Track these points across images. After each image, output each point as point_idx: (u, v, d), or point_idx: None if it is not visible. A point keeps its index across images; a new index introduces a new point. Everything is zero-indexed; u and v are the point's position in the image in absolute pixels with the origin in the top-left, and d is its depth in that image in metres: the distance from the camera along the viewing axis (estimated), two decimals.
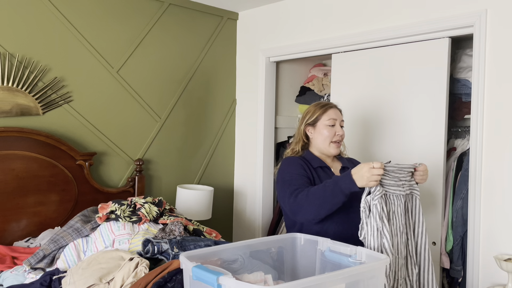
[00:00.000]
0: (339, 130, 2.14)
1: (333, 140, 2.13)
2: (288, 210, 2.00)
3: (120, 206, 2.50)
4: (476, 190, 2.51)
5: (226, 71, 3.86)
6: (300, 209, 1.92)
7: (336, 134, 2.13)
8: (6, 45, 2.71)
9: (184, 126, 3.60)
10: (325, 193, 1.85)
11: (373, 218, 1.78)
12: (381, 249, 1.76)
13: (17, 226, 2.71)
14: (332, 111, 2.15)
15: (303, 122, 2.19)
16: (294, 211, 1.95)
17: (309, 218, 1.93)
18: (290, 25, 3.49)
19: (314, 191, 1.90)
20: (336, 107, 2.19)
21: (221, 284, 1.31)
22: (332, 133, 2.12)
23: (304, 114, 2.21)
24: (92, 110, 3.08)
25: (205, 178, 3.74)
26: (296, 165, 2.08)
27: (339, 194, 1.82)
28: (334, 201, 1.84)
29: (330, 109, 2.15)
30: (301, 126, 2.20)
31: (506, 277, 2.38)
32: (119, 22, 3.19)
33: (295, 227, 2.08)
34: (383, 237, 1.76)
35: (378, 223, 1.76)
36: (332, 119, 2.13)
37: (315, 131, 2.15)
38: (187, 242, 2.07)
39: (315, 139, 2.16)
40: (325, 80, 3.80)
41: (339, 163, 2.22)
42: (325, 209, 1.87)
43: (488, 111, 2.49)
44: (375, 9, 2.97)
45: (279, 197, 2.08)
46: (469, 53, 2.89)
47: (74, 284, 1.89)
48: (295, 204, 1.93)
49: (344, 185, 1.80)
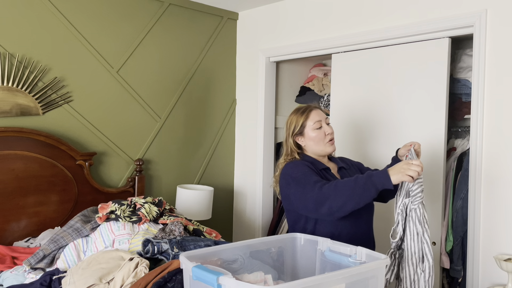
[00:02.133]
0: (327, 129, 2.11)
1: (326, 140, 2.11)
2: (313, 202, 1.88)
3: (120, 206, 2.50)
4: (476, 190, 2.51)
5: (226, 71, 3.86)
6: (327, 200, 1.84)
7: (326, 134, 2.11)
8: (6, 45, 2.71)
9: (184, 126, 3.60)
10: (356, 184, 1.81)
11: (412, 222, 1.78)
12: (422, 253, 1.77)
13: (17, 226, 2.71)
14: (314, 113, 2.12)
15: (290, 134, 2.15)
16: (320, 201, 1.86)
17: (333, 210, 1.84)
18: (290, 25, 3.49)
19: (343, 182, 1.85)
20: (316, 107, 2.17)
21: (221, 284, 1.31)
22: (322, 135, 2.10)
23: (287, 125, 2.17)
24: (92, 110, 3.08)
25: (205, 178, 3.74)
26: (303, 165, 2.04)
27: (371, 188, 1.78)
28: (364, 194, 1.80)
29: (311, 112, 2.12)
30: (289, 139, 2.15)
31: (506, 277, 2.38)
32: (119, 22, 3.19)
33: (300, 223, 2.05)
34: (424, 242, 1.76)
35: (418, 227, 1.77)
36: (317, 122, 2.10)
37: (305, 139, 2.12)
38: (187, 242, 2.07)
39: (308, 146, 2.13)
40: (325, 80, 3.80)
41: (334, 164, 2.21)
42: (353, 202, 1.81)
43: (488, 111, 2.49)
44: (375, 9, 2.97)
45: (294, 196, 1.98)
46: (469, 53, 2.89)
47: (74, 284, 1.89)
48: (321, 194, 1.85)
49: (378, 180, 1.77)
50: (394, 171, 1.77)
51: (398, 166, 1.78)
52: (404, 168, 1.75)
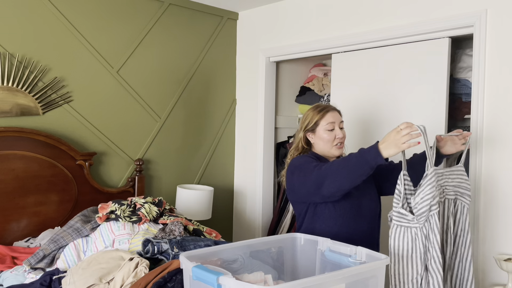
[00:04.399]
0: (339, 133, 2.12)
1: (334, 143, 2.12)
2: (312, 184, 1.93)
3: (120, 206, 2.50)
4: (476, 190, 2.51)
5: (226, 71, 3.86)
6: (325, 180, 1.87)
7: (336, 137, 2.11)
8: (6, 45, 2.71)
9: (184, 126, 3.60)
10: (350, 163, 1.82)
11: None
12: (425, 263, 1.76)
13: (17, 226, 2.71)
14: (330, 114, 2.13)
15: (302, 128, 2.17)
16: (319, 183, 1.89)
17: (333, 190, 1.87)
18: (290, 25, 3.49)
19: (338, 162, 1.88)
20: (335, 109, 2.18)
21: (221, 284, 1.31)
22: (332, 137, 2.11)
23: (302, 119, 2.19)
24: (92, 110, 3.08)
25: (205, 178, 3.74)
26: (307, 157, 2.09)
27: (364, 165, 1.78)
28: (360, 172, 1.80)
29: (327, 113, 2.13)
30: (300, 132, 2.18)
31: (506, 277, 2.38)
32: (119, 22, 3.19)
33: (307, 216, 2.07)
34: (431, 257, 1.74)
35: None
36: (331, 123, 2.11)
37: (315, 136, 2.14)
38: (187, 242, 2.07)
39: (316, 144, 2.15)
40: (325, 80, 3.80)
41: None
42: (350, 180, 1.83)
43: (488, 111, 2.49)
44: (375, 9, 2.97)
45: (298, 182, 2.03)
46: (469, 53, 2.89)
47: (74, 284, 1.89)
48: (319, 176, 1.89)
49: (369, 156, 1.76)
50: (385, 144, 1.73)
51: (388, 138, 1.73)
52: (397, 139, 1.70)
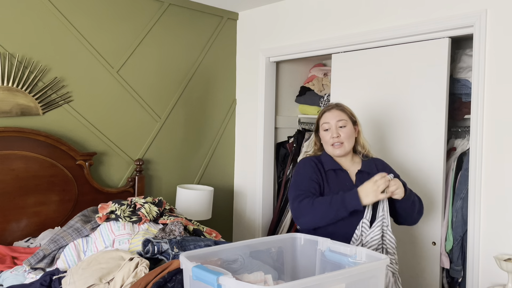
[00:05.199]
0: (334, 132, 2.11)
1: (330, 143, 2.12)
2: (292, 211, 2.06)
3: (120, 206, 2.50)
4: (476, 190, 2.51)
5: (226, 71, 3.86)
6: (301, 216, 2.01)
7: (331, 137, 2.12)
8: (6, 45, 2.71)
9: (184, 126, 3.60)
10: (330, 208, 1.94)
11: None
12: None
13: (17, 226, 2.71)
14: (326, 114, 2.15)
15: (315, 128, 2.26)
16: (296, 215, 2.03)
17: (308, 226, 2.02)
18: (290, 25, 3.49)
19: (320, 202, 1.97)
20: (336, 108, 2.18)
21: (221, 284, 1.31)
22: (328, 137, 2.13)
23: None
24: (92, 110, 3.08)
25: (205, 178, 3.74)
26: (308, 167, 2.12)
27: (343, 211, 1.93)
28: (336, 216, 1.95)
29: (324, 113, 2.17)
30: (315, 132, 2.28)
31: (506, 277, 2.38)
32: (119, 22, 3.19)
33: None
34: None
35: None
36: (326, 123, 2.14)
37: (320, 136, 2.21)
38: (187, 242, 2.07)
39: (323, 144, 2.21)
40: (325, 80, 3.80)
41: (357, 166, 2.17)
42: (325, 221, 1.98)
43: (488, 111, 2.49)
44: (375, 9, 2.97)
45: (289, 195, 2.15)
46: (469, 53, 2.89)
47: (74, 284, 1.89)
48: (298, 210, 2.01)
49: (349, 203, 1.91)
50: (363, 193, 1.90)
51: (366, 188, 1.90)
52: (374, 190, 1.88)
